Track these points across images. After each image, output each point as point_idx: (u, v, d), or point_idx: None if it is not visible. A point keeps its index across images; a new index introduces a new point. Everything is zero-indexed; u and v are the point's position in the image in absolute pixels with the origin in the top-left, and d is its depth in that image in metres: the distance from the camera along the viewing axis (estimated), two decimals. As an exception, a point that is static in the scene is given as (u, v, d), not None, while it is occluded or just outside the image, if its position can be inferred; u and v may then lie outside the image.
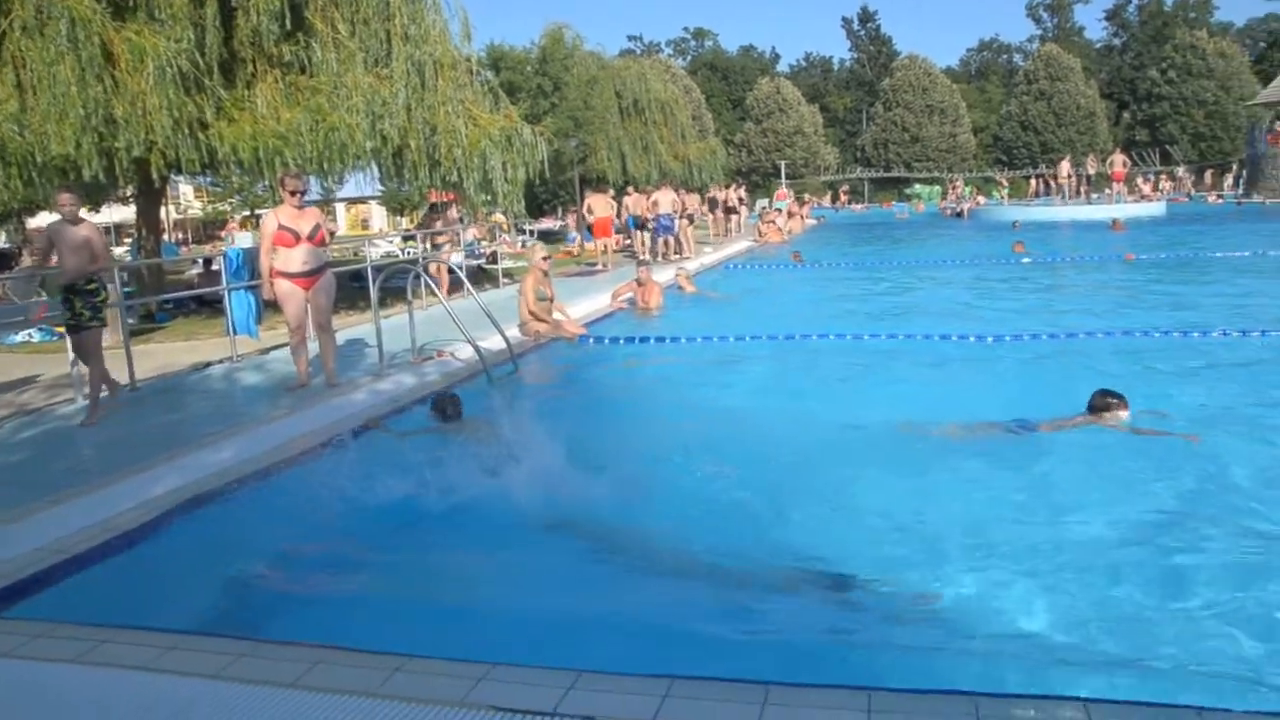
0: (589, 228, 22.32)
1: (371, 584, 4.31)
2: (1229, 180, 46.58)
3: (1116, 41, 77.04)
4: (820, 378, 8.77)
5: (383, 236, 39.79)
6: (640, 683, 3.05)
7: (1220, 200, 40.63)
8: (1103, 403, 6.09)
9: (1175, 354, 8.79)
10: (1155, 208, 34.45)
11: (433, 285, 9.36)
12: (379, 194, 52.75)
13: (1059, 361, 8.79)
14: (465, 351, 9.09)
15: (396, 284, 10.74)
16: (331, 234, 8.76)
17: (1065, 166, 40.57)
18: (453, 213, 15.03)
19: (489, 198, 16.25)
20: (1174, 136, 60.59)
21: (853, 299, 14.84)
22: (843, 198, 57.79)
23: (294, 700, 3.04)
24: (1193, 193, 45.91)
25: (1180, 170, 53.16)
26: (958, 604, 3.92)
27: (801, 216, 34.20)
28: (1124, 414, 6.04)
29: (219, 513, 5.20)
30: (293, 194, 8.00)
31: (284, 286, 8.02)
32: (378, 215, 64.44)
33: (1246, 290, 13.65)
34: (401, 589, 4.25)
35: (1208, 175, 51.19)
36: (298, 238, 7.90)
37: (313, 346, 8.59)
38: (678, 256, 21.28)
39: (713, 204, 29.44)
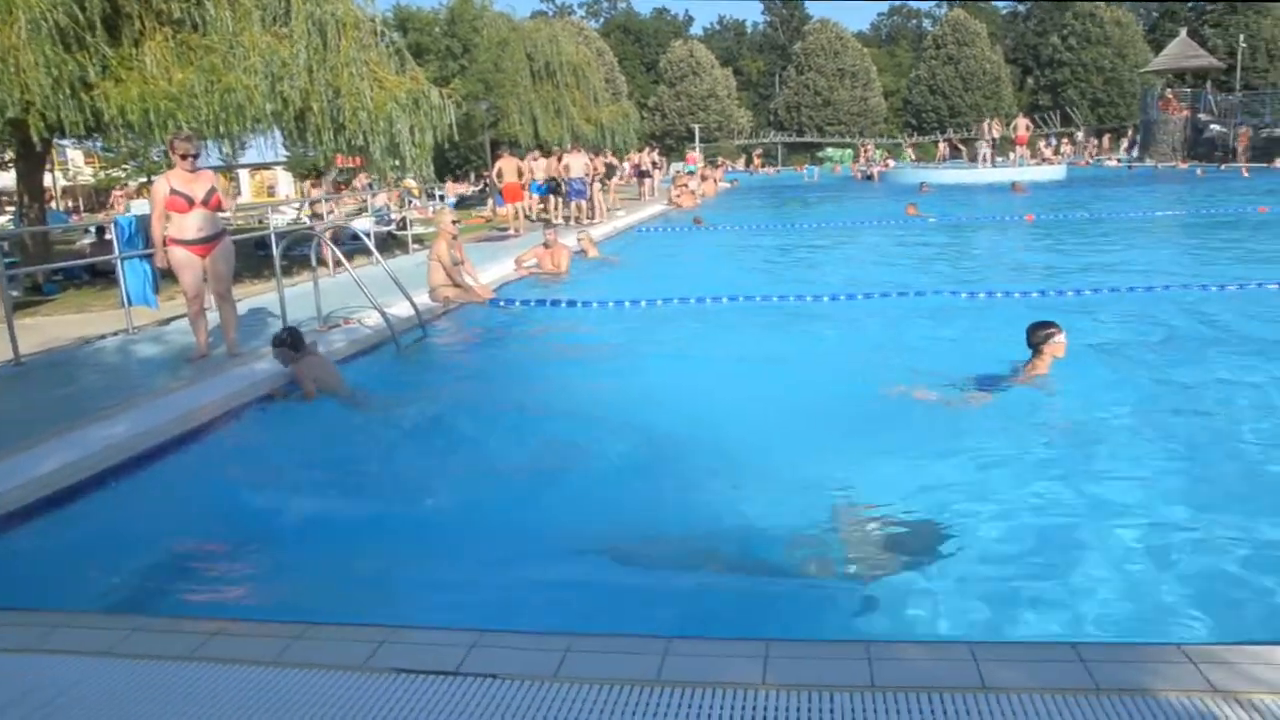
0: (499, 192, 22.07)
1: (273, 555, 4.24)
2: (1124, 144, 48.24)
3: (1021, 8, 78.82)
4: (723, 339, 8.83)
5: (288, 202, 38.61)
6: (542, 639, 3.09)
7: (1118, 164, 42.15)
8: (1043, 335, 6.09)
9: (1071, 309, 9.13)
10: (1056, 171, 35.63)
11: (338, 253, 9.16)
12: (284, 159, 51.12)
13: (958, 318, 9.07)
14: (373, 318, 8.93)
15: (302, 252, 10.48)
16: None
17: (994, 127, 41.45)
18: (327, 185, 14.60)
19: (396, 162, 15.88)
20: (1074, 101, 62.50)
21: (757, 261, 15.04)
22: (756, 161, 58.17)
23: (187, 673, 2.99)
24: (1096, 156, 47.49)
25: (1080, 134, 54.88)
26: (854, 558, 4.04)
27: (714, 180, 34.35)
28: (1061, 336, 6.07)
29: (112, 488, 5.04)
30: (184, 157, 7.68)
31: (179, 254, 7.74)
32: (284, 181, 62.46)
33: (1131, 248, 14.28)
34: (303, 559, 4.19)
35: (1105, 139, 52.95)
36: (191, 203, 7.61)
37: (213, 316, 8.33)
38: (590, 221, 21.20)
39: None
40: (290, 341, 6.75)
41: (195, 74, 12.51)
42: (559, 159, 21.98)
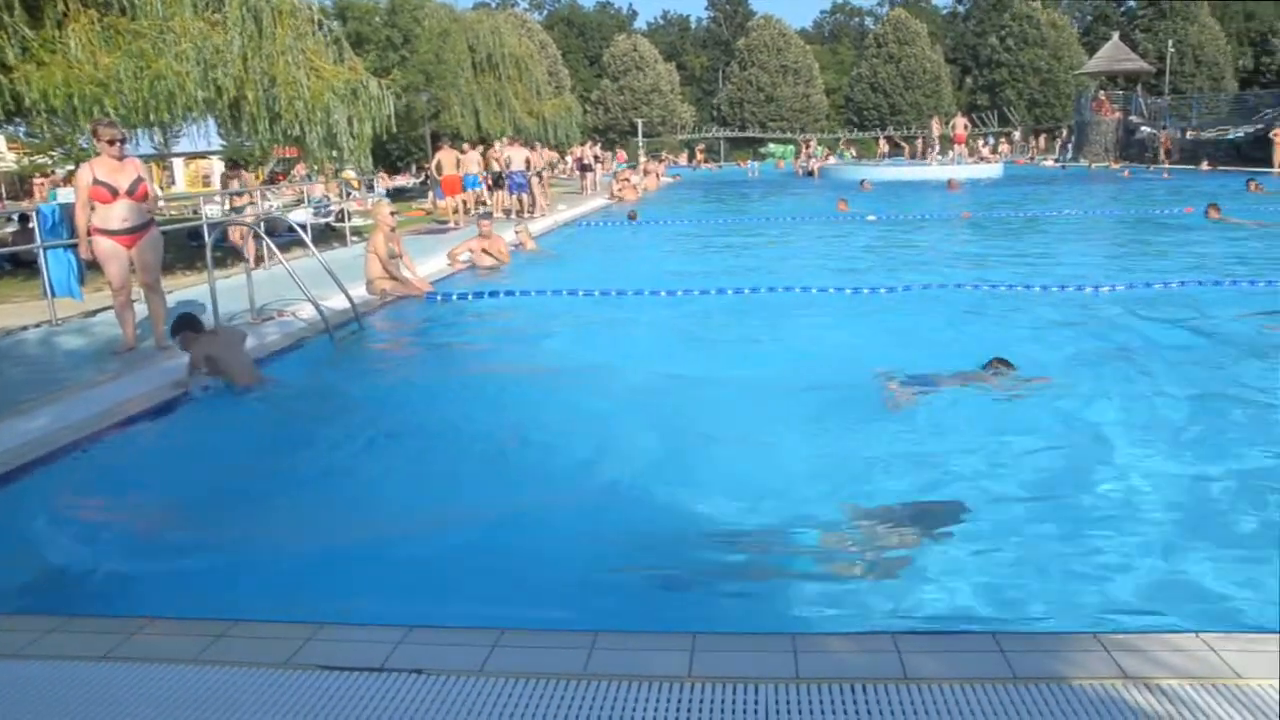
0: (439, 185, 21.85)
1: (195, 552, 4.14)
2: (1059, 144, 49.39)
3: (960, 8, 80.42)
4: (657, 334, 8.83)
5: (223, 193, 37.64)
6: (469, 634, 3.07)
7: (1055, 164, 43.19)
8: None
9: (1004, 304, 9.35)
10: (994, 169, 36.33)
11: (271, 245, 8.99)
12: (220, 149, 49.90)
13: (890, 313, 9.19)
14: (307, 311, 8.78)
15: (230, 242, 10.27)
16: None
17: (935, 125, 42.13)
18: (247, 175, 14.21)
19: (334, 153, 15.63)
20: (1011, 102, 63.84)
21: (693, 256, 15.09)
22: (699, 156, 58.41)
23: (105, 674, 2.92)
24: (1034, 156, 48.59)
25: (1017, 134, 56.09)
26: (782, 550, 4.07)
27: (657, 175, 34.43)
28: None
29: (31, 483, 4.88)
30: (110, 144, 7.45)
31: (104, 245, 7.51)
32: (220, 171, 60.92)
33: (1057, 245, 14.66)
34: (226, 556, 4.11)
35: (1041, 139, 54.16)
36: (115, 193, 7.38)
37: (141, 308, 8.11)
38: (529, 215, 21.07)
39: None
40: (187, 324, 6.62)
41: (123, 59, 12.15)
42: (492, 152, 21.82)
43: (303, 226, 12.41)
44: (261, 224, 9.90)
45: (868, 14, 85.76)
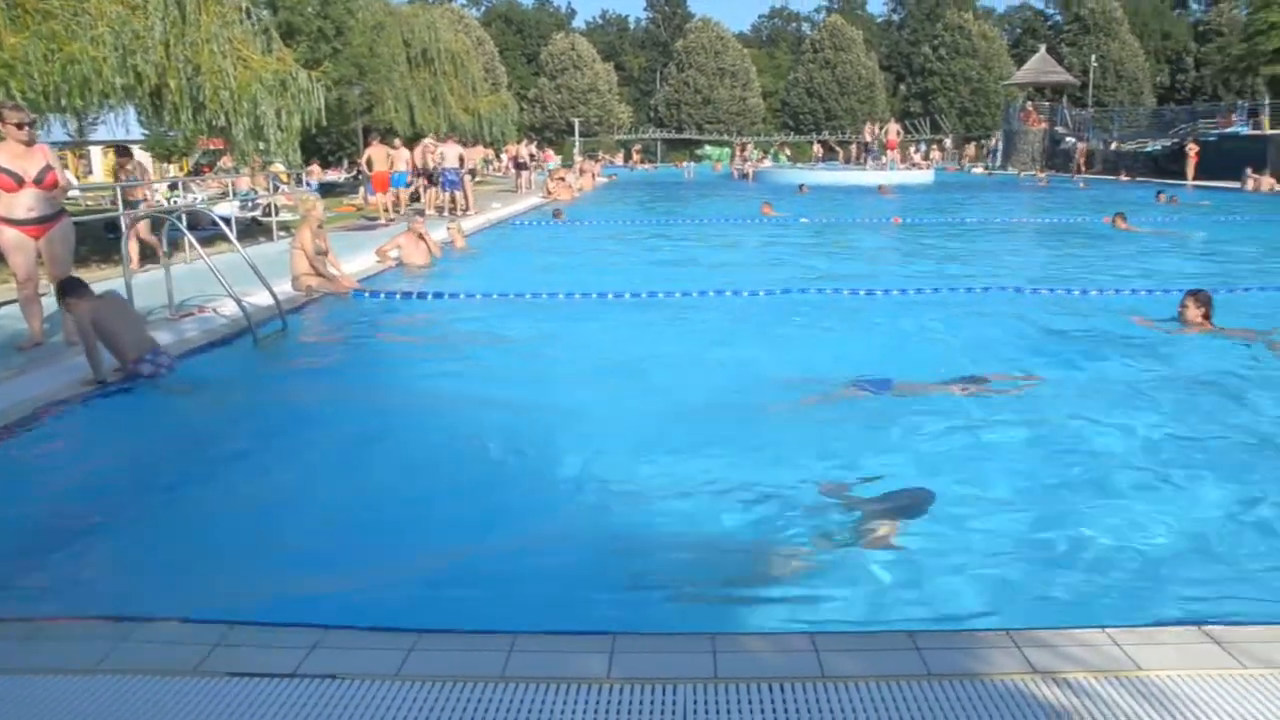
0: (370, 180, 21.52)
1: (99, 553, 3.99)
2: (988, 153, 50.60)
3: (895, 17, 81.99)
4: (583, 333, 8.76)
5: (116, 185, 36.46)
6: (386, 637, 3.02)
7: (984, 171, 44.29)
8: None
9: (923, 309, 9.53)
10: (925, 176, 37.07)
11: (191, 239, 8.73)
12: (142, 138, 48.41)
13: (814, 316, 9.26)
14: (230, 308, 8.55)
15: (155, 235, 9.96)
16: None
17: (868, 131, 42.79)
18: (132, 165, 13.73)
19: (262, 146, 15.27)
20: (943, 110, 65.21)
21: (623, 257, 15.04)
22: (635, 157, 58.49)
23: (-6, 683, 2.79)
24: (969, 162, 49.73)
25: (948, 141, 57.29)
26: (703, 551, 4.07)
27: (592, 174, 34.39)
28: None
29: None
30: (18, 127, 7.11)
31: (9, 235, 7.19)
32: (142, 161, 59.11)
33: (981, 251, 15.02)
34: (132, 557, 3.97)
35: (971, 147, 55.39)
36: (21, 181, 7.05)
37: (50, 302, 7.80)
38: (460, 213, 20.84)
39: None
40: (73, 286, 6.44)
41: (31, 40, 11.65)
42: (425, 148, 21.57)
43: (227, 220, 12.11)
44: (183, 217, 9.59)
45: (805, 19, 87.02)
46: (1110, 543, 4.03)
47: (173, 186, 23.91)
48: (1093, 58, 58.74)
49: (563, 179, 28.20)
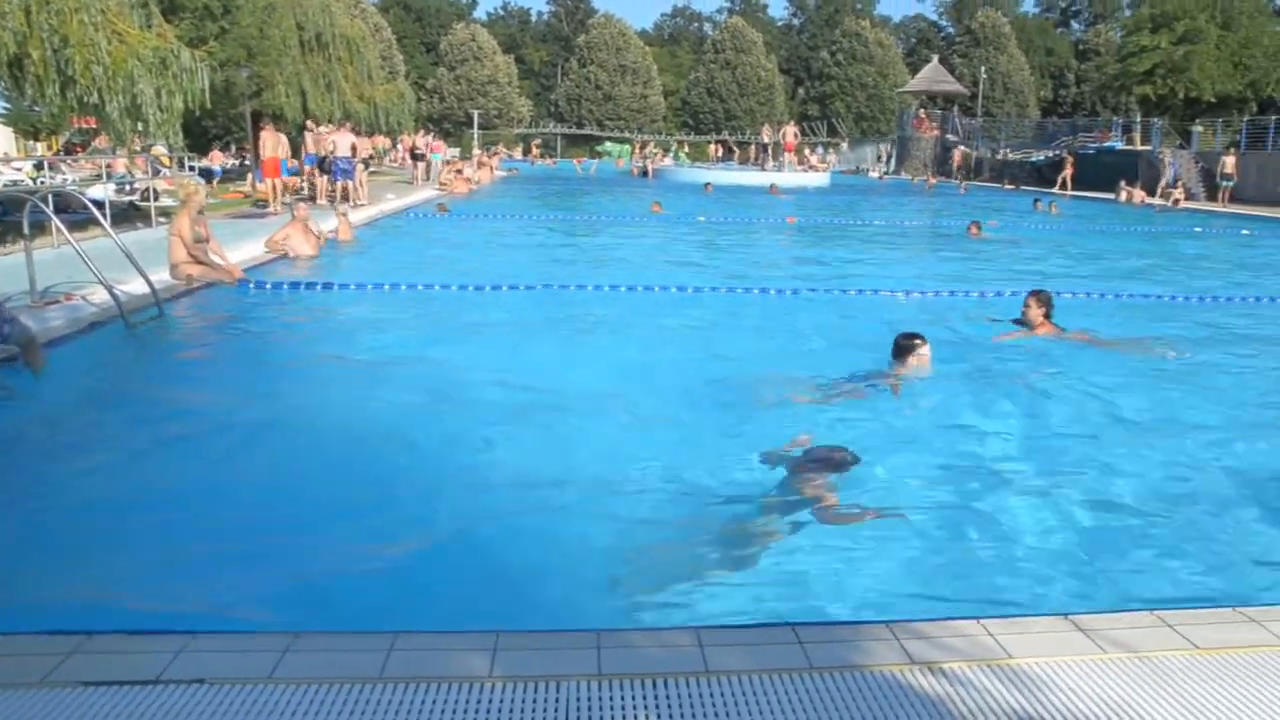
0: (260, 166, 20.79)
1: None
2: (883, 157, 52.04)
3: (795, 21, 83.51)
4: (468, 327, 8.64)
5: (6, 162, 34.55)
6: (258, 639, 2.90)
7: (879, 176, 45.58)
8: (908, 344, 6.44)
9: (815, 308, 9.73)
10: (821, 178, 38.08)
11: (57, 222, 8.26)
12: (3, 113, 45.58)
13: (704, 313, 9.36)
14: (100, 295, 8.12)
15: (13, 217, 9.37)
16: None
17: (766, 132, 43.43)
18: None
19: (140, 126, 14.56)
20: (840, 114, 66.78)
21: (510, 251, 14.91)
22: (535, 151, 58.10)
23: None
24: (860, 167, 51.06)
25: (845, 145, 58.70)
26: (588, 547, 4.03)
27: (491, 167, 34.00)
28: (926, 349, 6.44)
29: None
30: None
31: None
32: (3, 137, 55.61)
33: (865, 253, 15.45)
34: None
35: (867, 151, 56.85)
36: None
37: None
38: (352, 204, 20.27)
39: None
40: None
41: None
42: (316, 135, 20.98)
43: (100, 204, 11.52)
44: (49, 198, 9.06)
45: (707, 20, 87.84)
46: (982, 537, 4.17)
47: (39, 166, 22.64)
48: (982, 70, 61.06)
49: (459, 171, 27.80)
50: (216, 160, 29.71)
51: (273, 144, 19.72)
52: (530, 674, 2.75)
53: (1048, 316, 8.01)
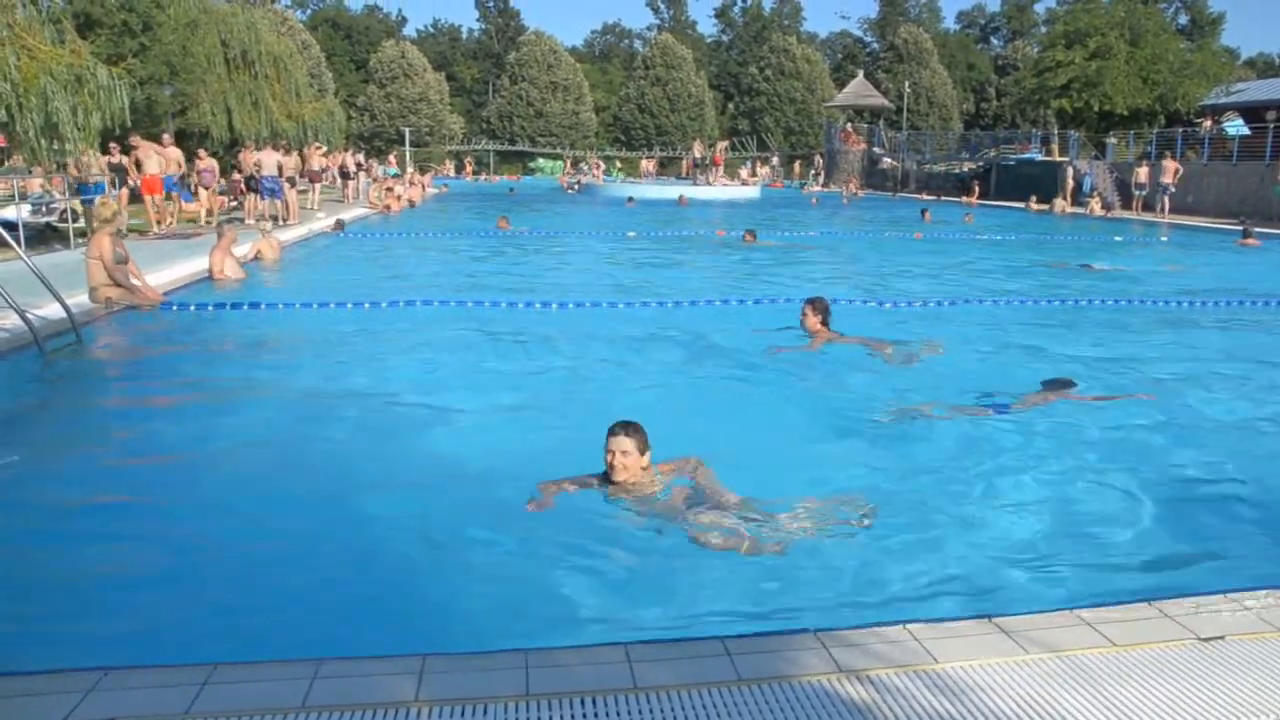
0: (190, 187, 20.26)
1: None
2: (812, 171, 52.79)
3: (724, 38, 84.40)
4: (392, 348, 8.45)
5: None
6: (175, 673, 2.81)
7: (807, 190, 46.28)
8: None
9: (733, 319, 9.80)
10: (752, 191, 38.69)
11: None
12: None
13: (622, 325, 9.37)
14: (11, 320, 7.84)
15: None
16: None
17: (697, 147, 43.73)
18: None
19: (55, 145, 14.15)
20: (770, 129, 67.64)
21: (437, 266, 14.79)
22: (468, 168, 57.78)
23: None
24: (792, 181, 51.76)
25: (775, 159, 59.44)
26: (514, 567, 3.99)
27: (423, 185, 33.73)
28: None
29: None
30: None
31: None
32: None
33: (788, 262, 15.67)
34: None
35: (797, 165, 57.62)
36: None
37: None
38: (281, 223, 19.87)
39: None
40: None
41: None
42: (244, 155, 20.58)
43: (10, 226, 11.18)
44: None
45: (637, 36, 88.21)
46: (904, 542, 4.22)
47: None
48: (906, 84, 62.27)
49: (391, 189, 27.51)
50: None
51: (158, 161, 18.93)
52: (458, 696, 2.71)
53: (825, 323, 8.08)
